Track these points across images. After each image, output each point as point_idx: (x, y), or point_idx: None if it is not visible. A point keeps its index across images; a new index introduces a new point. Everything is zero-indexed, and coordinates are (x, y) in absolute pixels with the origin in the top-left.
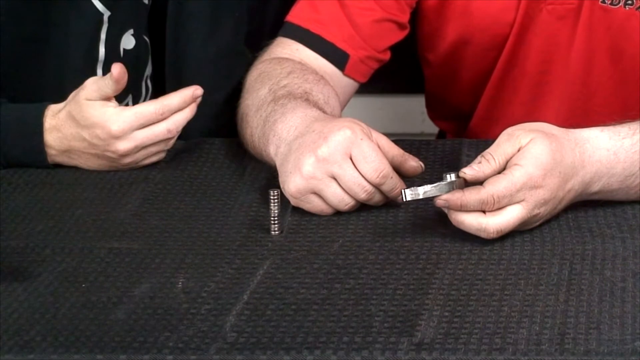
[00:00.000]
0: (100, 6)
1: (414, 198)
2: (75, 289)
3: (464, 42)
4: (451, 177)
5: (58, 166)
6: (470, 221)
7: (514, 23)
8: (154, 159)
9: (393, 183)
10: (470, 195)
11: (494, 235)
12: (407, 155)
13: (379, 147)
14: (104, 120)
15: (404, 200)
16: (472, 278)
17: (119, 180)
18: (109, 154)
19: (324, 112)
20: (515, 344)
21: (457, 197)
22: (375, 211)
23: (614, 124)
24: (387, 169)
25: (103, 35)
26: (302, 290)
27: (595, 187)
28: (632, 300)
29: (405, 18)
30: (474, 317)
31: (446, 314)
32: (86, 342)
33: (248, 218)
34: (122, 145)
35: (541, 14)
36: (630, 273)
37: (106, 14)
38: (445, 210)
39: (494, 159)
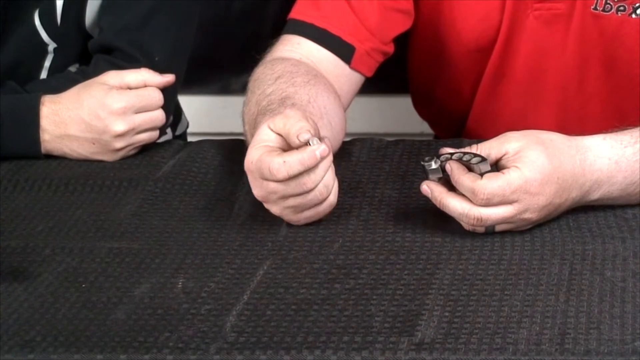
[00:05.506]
0: (45, 37)
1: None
2: (75, 289)
3: (450, 44)
4: (431, 165)
5: (49, 160)
6: (454, 205)
7: (500, 27)
8: (145, 137)
9: None
10: (467, 179)
11: (473, 222)
12: None
13: None
14: (105, 98)
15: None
16: (472, 278)
17: (119, 180)
18: (104, 136)
19: (309, 112)
20: (515, 344)
21: (458, 172)
22: (375, 211)
23: (615, 132)
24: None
25: (47, 63)
26: (302, 290)
27: (595, 195)
28: (632, 300)
29: (409, 5)
30: (474, 317)
31: (446, 314)
32: (86, 342)
33: (248, 218)
34: (119, 127)
35: (528, 19)
36: (630, 273)
37: (51, 45)
38: (429, 195)
39: (477, 148)
